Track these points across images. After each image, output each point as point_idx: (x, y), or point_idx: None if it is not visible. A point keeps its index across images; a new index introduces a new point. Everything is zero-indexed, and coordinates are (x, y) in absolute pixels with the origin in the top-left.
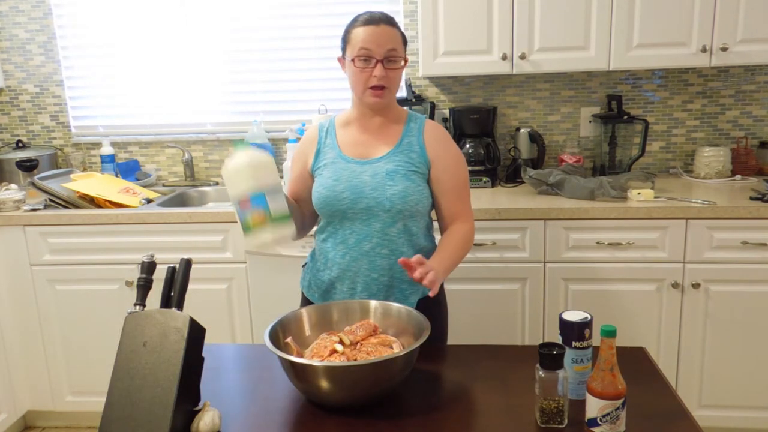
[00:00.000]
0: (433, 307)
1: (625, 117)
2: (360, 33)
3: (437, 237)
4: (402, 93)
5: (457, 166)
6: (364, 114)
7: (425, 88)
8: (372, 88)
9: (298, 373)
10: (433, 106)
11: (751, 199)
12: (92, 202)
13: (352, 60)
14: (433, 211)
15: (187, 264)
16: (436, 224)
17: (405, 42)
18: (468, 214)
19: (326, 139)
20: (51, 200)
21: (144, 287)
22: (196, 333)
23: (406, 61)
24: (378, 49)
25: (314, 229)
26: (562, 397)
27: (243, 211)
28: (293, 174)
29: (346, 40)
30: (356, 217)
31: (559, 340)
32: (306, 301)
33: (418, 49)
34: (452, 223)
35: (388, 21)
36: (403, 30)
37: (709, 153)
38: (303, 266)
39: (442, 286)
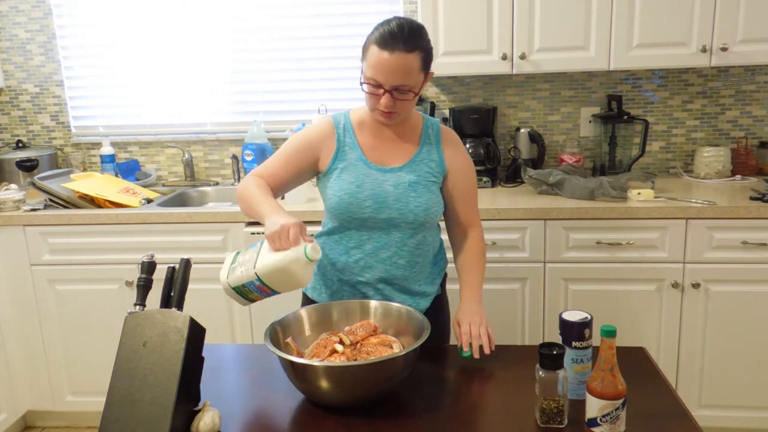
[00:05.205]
0: (443, 306)
1: (625, 117)
2: (374, 55)
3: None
4: None
5: (471, 171)
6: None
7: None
8: (380, 111)
9: (298, 373)
10: (433, 106)
11: (751, 199)
12: (92, 202)
13: (362, 82)
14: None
15: (187, 264)
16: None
17: (427, 61)
18: (479, 218)
19: (345, 137)
20: (51, 200)
21: (144, 287)
22: (196, 333)
23: (426, 79)
24: (387, 81)
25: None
26: (562, 397)
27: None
28: (287, 158)
29: (363, 51)
30: (376, 226)
31: (559, 340)
32: (308, 302)
33: None
34: (467, 228)
35: (406, 46)
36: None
37: (709, 153)
38: None
39: (445, 287)
